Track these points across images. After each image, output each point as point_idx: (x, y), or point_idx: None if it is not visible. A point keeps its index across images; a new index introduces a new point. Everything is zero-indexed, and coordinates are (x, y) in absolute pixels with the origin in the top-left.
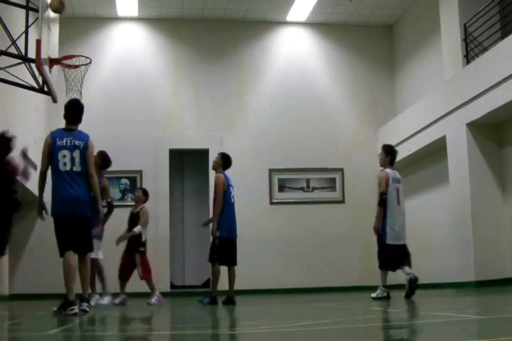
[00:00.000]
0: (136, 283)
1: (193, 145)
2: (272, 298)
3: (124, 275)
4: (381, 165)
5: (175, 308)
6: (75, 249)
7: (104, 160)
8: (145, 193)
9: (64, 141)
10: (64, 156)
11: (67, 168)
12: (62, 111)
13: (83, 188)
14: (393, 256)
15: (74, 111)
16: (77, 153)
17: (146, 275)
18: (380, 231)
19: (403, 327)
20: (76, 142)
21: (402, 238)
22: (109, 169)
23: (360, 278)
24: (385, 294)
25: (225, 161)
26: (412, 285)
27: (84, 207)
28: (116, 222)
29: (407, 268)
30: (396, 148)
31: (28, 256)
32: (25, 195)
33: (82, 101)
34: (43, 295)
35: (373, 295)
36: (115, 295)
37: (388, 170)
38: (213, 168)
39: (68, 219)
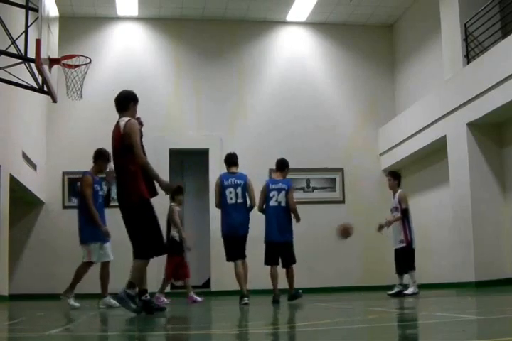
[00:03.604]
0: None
1: (193, 145)
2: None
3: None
4: (390, 189)
5: (175, 308)
6: (237, 259)
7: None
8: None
9: (229, 181)
10: (230, 193)
11: (233, 201)
12: (63, 112)
13: (243, 214)
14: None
15: (230, 158)
16: (239, 190)
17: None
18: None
19: (403, 327)
20: (238, 181)
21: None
22: (109, 169)
23: (360, 278)
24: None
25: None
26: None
27: (244, 228)
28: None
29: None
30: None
31: (28, 256)
32: (24, 196)
33: (82, 100)
34: (42, 295)
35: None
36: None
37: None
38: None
39: (233, 238)
